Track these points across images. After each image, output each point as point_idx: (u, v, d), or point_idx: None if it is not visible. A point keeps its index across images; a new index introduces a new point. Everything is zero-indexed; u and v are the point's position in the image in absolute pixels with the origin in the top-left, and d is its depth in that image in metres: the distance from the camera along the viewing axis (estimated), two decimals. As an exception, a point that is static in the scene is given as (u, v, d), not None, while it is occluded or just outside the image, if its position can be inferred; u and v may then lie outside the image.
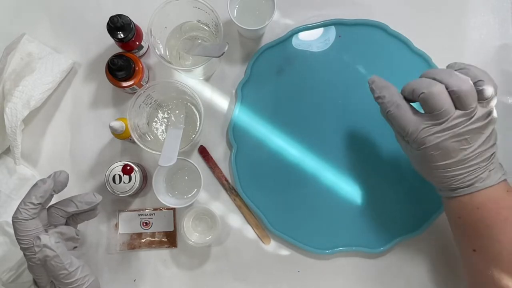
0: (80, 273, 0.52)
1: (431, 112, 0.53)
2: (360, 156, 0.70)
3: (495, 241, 0.54)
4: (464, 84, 0.52)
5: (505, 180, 0.57)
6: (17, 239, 0.52)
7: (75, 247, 0.58)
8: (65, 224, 0.57)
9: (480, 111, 0.53)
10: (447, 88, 0.52)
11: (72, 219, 0.58)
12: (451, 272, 0.69)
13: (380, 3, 0.73)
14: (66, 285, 0.52)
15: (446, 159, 0.54)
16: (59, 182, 0.54)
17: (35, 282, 0.55)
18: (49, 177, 0.54)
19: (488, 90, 0.53)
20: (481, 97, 0.53)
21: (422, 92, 0.53)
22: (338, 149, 0.70)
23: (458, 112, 0.52)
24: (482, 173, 0.55)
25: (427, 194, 0.69)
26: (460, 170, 0.55)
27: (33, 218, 0.52)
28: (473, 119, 0.53)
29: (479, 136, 0.54)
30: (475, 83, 0.53)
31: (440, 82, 0.53)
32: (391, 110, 0.56)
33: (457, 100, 0.52)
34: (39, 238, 0.50)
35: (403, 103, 0.56)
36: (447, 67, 0.57)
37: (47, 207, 0.55)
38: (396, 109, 0.56)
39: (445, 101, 0.52)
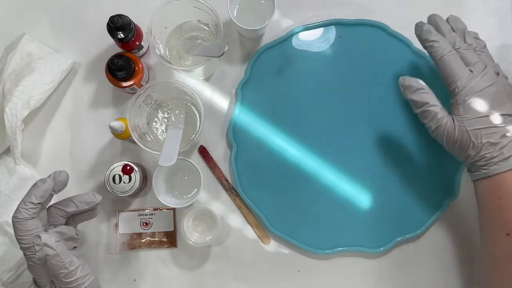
0: (80, 272, 0.53)
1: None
2: (360, 156, 0.70)
3: None
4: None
5: None
6: (17, 238, 0.52)
7: (75, 247, 0.58)
8: (64, 224, 0.57)
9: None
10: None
11: (72, 219, 0.58)
12: (451, 272, 0.69)
13: (380, 3, 0.73)
14: (67, 284, 0.52)
15: (494, 109, 0.57)
16: (59, 181, 0.54)
17: (35, 282, 0.55)
18: (49, 176, 0.54)
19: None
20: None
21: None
22: (338, 149, 0.70)
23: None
24: None
25: (427, 194, 0.69)
26: (508, 130, 0.56)
27: (33, 217, 0.52)
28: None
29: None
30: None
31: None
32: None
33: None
34: (39, 236, 0.50)
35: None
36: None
37: (47, 207, 0.55)
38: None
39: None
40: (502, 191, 0.56)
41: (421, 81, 0.62)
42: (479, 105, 0.58)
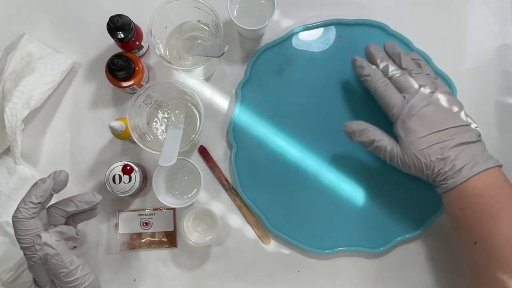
0: (80, 271, 0.53)
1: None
2: (360, 156, 0.70)
3: (496, 232, 0.55)
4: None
5: (500, 167, 0.58)
6: (17, 238, 0.52)
7: (75, 246, 0.58)
8: (64, 224, 0.57)
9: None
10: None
11: (72, 219, 0.58)
12: (451, 272, 0.69)
13: (380, 3, 0.73)
14: (67, 283, 0.52)
15: (433, 127, 0.58)
16: (59, 181, 0.54)
17: (35, 282, 0.55)
18: (49, 176, 0.54)
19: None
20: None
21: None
22: (338, 149, 0.70)
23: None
24: (478, 155, 0.57)
25: (427, 194, 0.69)
26: (453, 142, 0.57)
27: (33, 217, 0.52)
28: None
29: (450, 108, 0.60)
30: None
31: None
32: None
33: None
34: (39, 236, 0.50)
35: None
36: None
37: (47, 207, 0.55)
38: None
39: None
40: (464, 201, 0.58)
41: (362, 122, 0.64)
42: (417, 127, 0.59)
